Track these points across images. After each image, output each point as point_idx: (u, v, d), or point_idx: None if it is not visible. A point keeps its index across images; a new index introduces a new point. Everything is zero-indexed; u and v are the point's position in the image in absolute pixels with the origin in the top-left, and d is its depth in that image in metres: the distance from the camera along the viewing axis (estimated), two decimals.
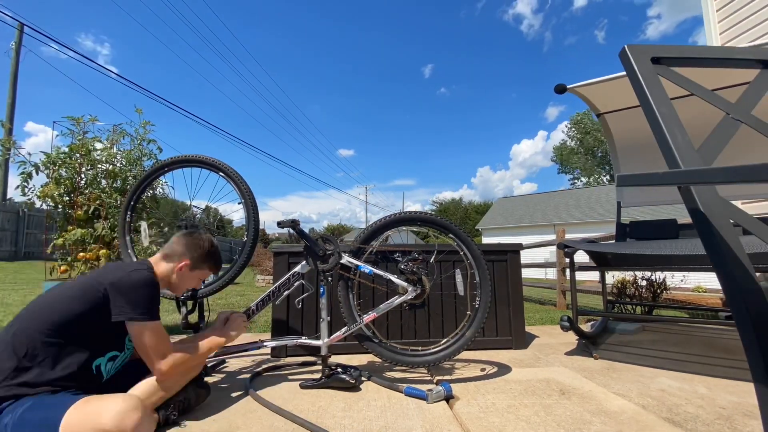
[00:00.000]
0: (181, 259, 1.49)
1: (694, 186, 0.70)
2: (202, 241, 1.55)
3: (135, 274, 1.27)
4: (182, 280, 1.51)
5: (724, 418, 1.45)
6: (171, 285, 1.51)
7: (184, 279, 1.52)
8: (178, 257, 1.49)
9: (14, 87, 12.72)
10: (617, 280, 4.34)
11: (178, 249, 1.50)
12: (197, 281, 1.59)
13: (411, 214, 1.99)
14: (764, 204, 3.78)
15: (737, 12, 4.16)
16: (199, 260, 1.53)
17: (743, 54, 0.92)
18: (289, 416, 1.42)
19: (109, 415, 1.02)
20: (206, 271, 1.59)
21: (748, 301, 0.61)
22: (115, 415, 1.03)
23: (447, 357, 1.88)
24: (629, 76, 0.86)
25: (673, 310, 4.07)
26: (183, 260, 1.49)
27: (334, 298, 2.01)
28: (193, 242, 1.53)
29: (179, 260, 1.49)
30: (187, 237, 1.54)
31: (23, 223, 11.97)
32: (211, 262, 1.58)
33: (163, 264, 1.48)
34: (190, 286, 1.58)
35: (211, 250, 1.57)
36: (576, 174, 42.28)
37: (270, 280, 8.66)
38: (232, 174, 2.08)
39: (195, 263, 1.52)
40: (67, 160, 2.78)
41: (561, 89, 2.75)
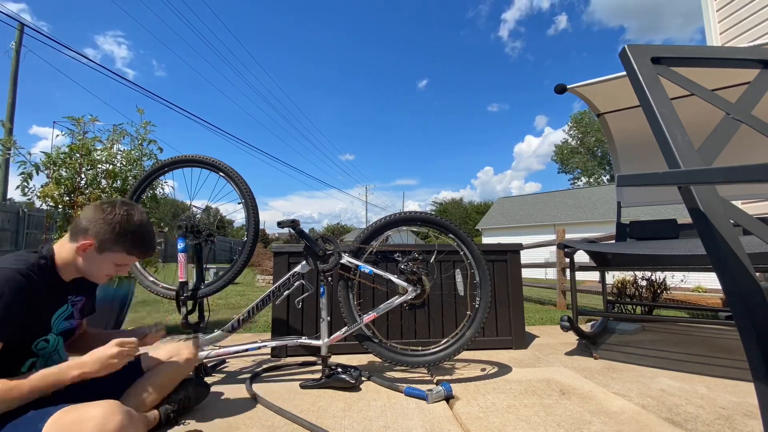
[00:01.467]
0: (85, 237, 1.14)
1: (694, 186, 0.70)
2: (113, 215, 1.16)
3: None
4: (90, 265, 1.16)
5: (724, 418, 1.45)
6: (80, 271, 1.17)
7: (92, 264, 1.16)
8: (82, 235, 1.14)
9: (14, 87, 12.72)
10: (617, 280, 4.34)
11: (83, 224, 1.15)
12: (113, 267, 1.20)
13: (411, 214, 1.99)
14: (764, 204, 3.78)
15: (737, 12, 4.16)
16: (108, 239, 1.15)
17: (743, 54, 0.92)
18: (289, 416, 1.42)
19: (90, 424, 0.95)
20: (122, 254, 1.18)
21: (748, 301, 0.61)
22: (97, 423, 0.95)
23: (447, 357, 1.88)
24: (629, 76, 0.86)
25: (673, 310, 4.08)
26: (86, 238, 1.14)
27: (334, 298, 2.01)
28: (100, 216, 1.15)
29: (82, 238, 1.14)
30: (95, 208, 1.17)
31: (23, 223, 11.97)
32: (126, 242, 1.17)
33: (66, 245, 1.15)
34: (108, 272, 1.21)
35: (126, 225, 1.17)
36: (576, 174, 42.30)
37: (270, 280, 8.66)
38: (232, 174, 2.08)
39: (102, 243, 1.15)
40: (67, 160, 2.78)
41: (561, 89, 2.75)
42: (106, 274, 1.23)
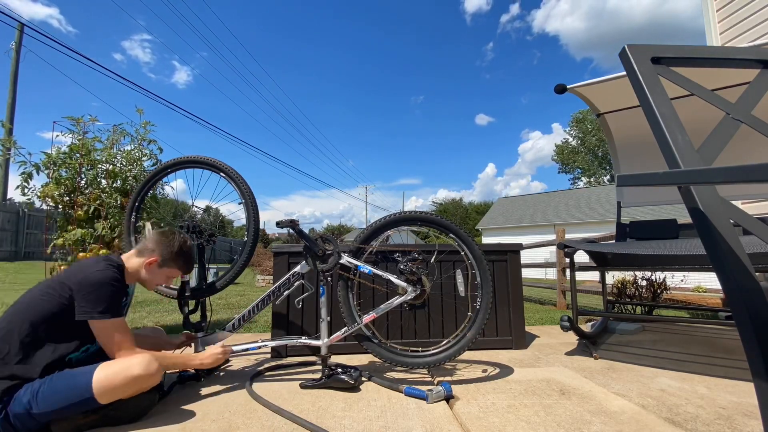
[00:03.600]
0: (151, 256, 1.55)
1: (694, 186, 0.70)
2: (174, 241, 1.60)
3: (96, 274, 1.33)
4: (151, 276, 1.56)
5: (724, 418, 1.45)
6: (141, 280, 1.57)
7: (153, 275, 1.57)
8: (149, 253, 1.55)
9: (14, 87, 12.73)
10: (617, 280, 4.34)
11: (150, 245, 1.57)
12: (166, 278, 1.63)
13: (411, 214, 1.98)
14: (764, 204, 3.78)
15: (737, 12, 4.16)
16: (168, 258, 1.58)
17: (743, 54, 0.92)
18: (289, 416, 1.42)
19: (137, 367, 1.27)
20: (174, 269, 1.64)
21: (748, 301, 0.61)
22: (143, 366, 1.28)
23: (448, 358, 1.87)
24: (629, 76, 0.86)
25: (673, 310, 4.08)
26: (152, 257, 1.55)
27: (333, 298, 2.01)
28: (165, 240, 1.59)
29: (149, 256, 1.55)
30: (160, 235, 1.61)
31: (23, 223, 11.97)
32: (180, 261, 1.63)
33: (134, 259, 1.54)
34: (159, 282, 1.63)
35: (182, 250, 1.62)
36: (577, 174, 42.29)
37: (270, 280, 8.66)
38: (233, 174, 2.09)
39: (163, 261, 1.57)
40: (68, 160, 2.78)
41: (561, 89, 2.75)
42: (157, 284, 1.64)
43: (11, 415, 1.16)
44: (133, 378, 1.26)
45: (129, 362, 1.28)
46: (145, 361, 1.29)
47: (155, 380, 1.34)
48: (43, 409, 1.17)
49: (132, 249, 1.59)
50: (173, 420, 1.39)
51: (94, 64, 9.92)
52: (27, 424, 1.18)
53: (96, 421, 1.29)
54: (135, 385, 1.27)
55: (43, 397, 1.17)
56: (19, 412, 1.16)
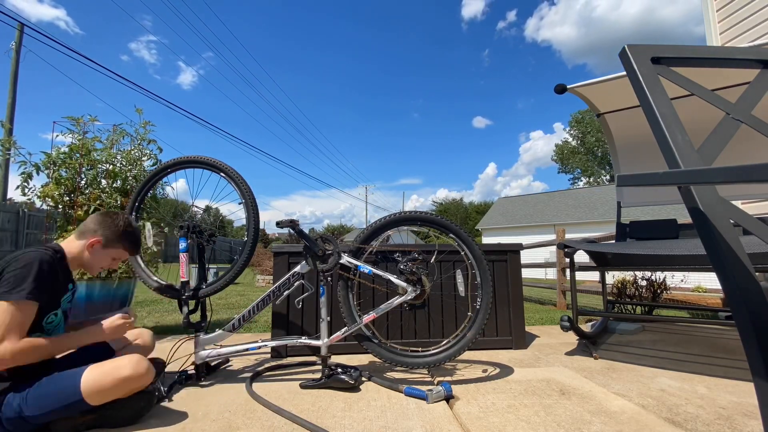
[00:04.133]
0: (93, 236, 1.47)
1: (694, 186, 0.70)
2: (118, 220, 1.53)
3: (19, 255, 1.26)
4: (94, 258, 1.48)
5: (724, 418, 1.45)
6: (83, 263, 1.47)
7: (96, 257, 1.48)
8: (91, 234, 1.47)
9: (14, 87, 12.73)
10: (617, 280, 4.34)
11: (91, 226, 1.48)
12: (111, 260, 1.55)
13: (411, 214, 1.98)
14: (764, 204, 3.78)
15: (737, 12, 4.16)
16: (113, 238, 1.50)
17: (743, 54, 0.92)
18: (289, 416, 1.42)
19: (127, 367, 1.25)
20: (121, 250, 1.55)
21: (748, 301, 0.61)
22: (131, 366, 1.26)
23: (448, 358, 1.87)
24: (629, 76, 0.86)
25: (673, 310, 4.08)
26: (94, 237, 1.47)
27: (333, 298, 2.01)
28: (108, 220, 1.51)
29: (91, 237, 1.46)
30: (103, 215, 1.53)
31: (23, 223, 11.96)
32: (126, 241, 1.55)
33: (75, 242, 1.46)
34: (104, 265, 1.54)
35: (127, 229, 1.54)
36: (577, 174, 42.28)
37: (270, 280, 8.66)
38: (233, 174, 2.09)
39: (107, 241, 1.49)
40: (67, 160, 2.78)
41: (561, 89, 2.75)
42: (102, 267, 1.54)
43: (4, 420, 1.15)
44: (122, 379, 1.24)
45: (118, 363, 1.27)
46: (134, 362, 1.27)
47: (145, 381, 1.31)
48: (35, 413, 1.16)
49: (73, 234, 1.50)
50: (173, 420, 1.39)
51: (95, 65, 9.91)
52: (21, 428, 1.17)
53: (93, 421, 1.29)
54: (125, 386, 1.25)
55: (33, 400, 1.16)
56: (11, 417, 1.15)
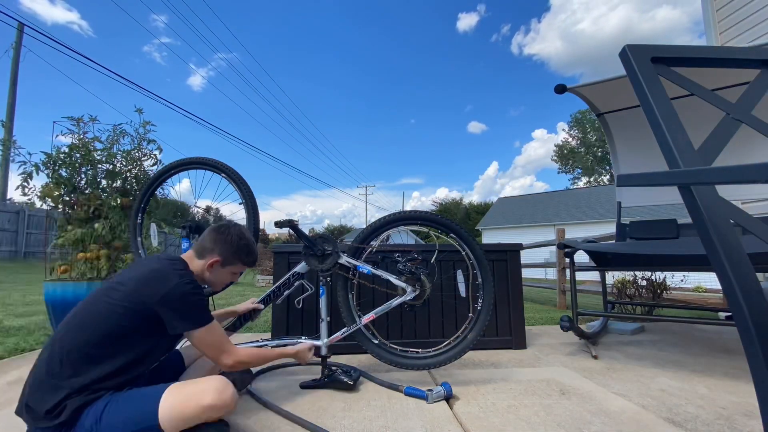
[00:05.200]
0: (212, 256, 1.44)
1: (694, 186, 0.70)
2: (230, 236, 1.49)
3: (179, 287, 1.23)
4: (215, 276, 1.48)
5: (724, 418, 1.45)
6: (206, 281, 1.47)
7: (217, 275, 1.48)
8: (209, 253, 1.45)
9: (14, 87, 12.73)
10: (617, 280, 4.34)
11: (208, 245, 1.46)
12: (232, 275, 1.54)
13: (411, 213, 1.98)
14: (764, 204, 3.78)
15: (737, 12, 4.16)
16: (230, 255, 1.48)
17: (743, 54, 0.92)
18: (289, 416, 1.42)
19: (210, 394, 1.12)
20: (239, 265, 1.53)
21: (748, 301, 0.61)
22: (216, 393, 1.13)
23: (448, 360, 1.86)
24: (629, 76, 0.86)
25: (673, 310, 4.07)
26: (213, 257, 1.44)
27: (333, 298, 2.01)
28: (222, 237, 1.47)
29: (210, 256, 1.44)
30: (215, 232, 1.49)
31: (23, 223, 11.97)
32: (242, 256, 1.52)
33: (196, 261, 1.44)
34: (225, 281, 1.55)
35: (240, 243, 1.50)
36: (577, 174, 42.28)
37: (270, 280, 8.66)
38: (234, 175, 2.10)
39: (225, 259, 1.47)
40: (67, 160, 2.78)
41: (561, 89, 2.75)
42: (224, 283, 1.57)
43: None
44: (204, 407, 1.11)
45: (201, 388, 1.14)
46: (219, 388, 1.14)
47: (228, 411, 1.17)
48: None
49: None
50: None
51: (95, 65, 9.91)
52: None
53: None
54: (205, 414, 1.12)
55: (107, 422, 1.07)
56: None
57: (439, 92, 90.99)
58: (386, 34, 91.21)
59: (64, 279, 2.61)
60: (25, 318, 3.32)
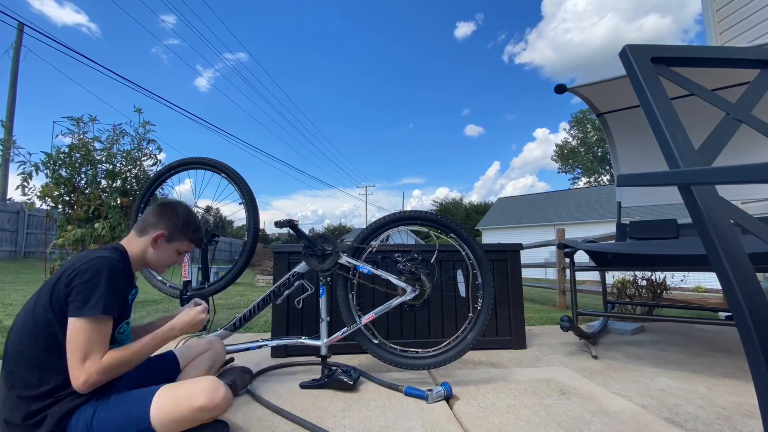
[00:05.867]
0: (156, 230, 1.32)
1: (694, 186, 0.70)
2: (177, 210, 1.38)
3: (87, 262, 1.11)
4: (160, 254, 1.34)
5: (724, 418, 1.45)
6: (148, 262, 1.34)
7: (162, 252, 1.35)
8: (153, 228, 1.33)
9: (14, 87, 12.73)
10: (617, 280, 4.34)
11: (152, 220, 1.34)
12: (176, 254, 1.41)
13: (411, 213, 1.98)
14: (764, 204, 3.78)
15: (737, 12, 4.16)
16: (176, 229, 1.36)
17: (743, 54, 0.92)
18: (289, 416, 1.42)
19: (201, 395, 1.08)
20: (185, 242, 1.40)
21: (748, 301, 0.61)
22: (207, 394, 1.09)
23: (448, 360, 1.86)
24: (629, 76, 0.86)
25: (673, 310, 4.08)
26: (157, 230, 1.32)
27: (333, 298, 2.01)
28: (168, 211, 1.36)
29: (153, 231, 1.32)
30: (160, 207, 1.38)
31: (23, 223, 11.96)
32: (190, 230, 1.40)
33: (136, 240, 1.32)
34: (170, 261, 1.40)
35: (188, 218, 1.40)
36: (577, 174, 42.28)
37: (270, 280, 8.66)
38: (234, 175, 2.10)
39: (171, 233, 1.35)
40: (67, 160, 2.78)
41: (561, 89, 2.75)
42: (169, 263, 1.41)
43: None
44: (196, 409, 1.07)
45: (192, 389, 1.10)
46: (210, 388, 1.10)
47: (221, 411, 1.12)
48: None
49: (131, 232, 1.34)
50: None
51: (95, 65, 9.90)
52: None
53: None
54: (198, 416, 1.08)
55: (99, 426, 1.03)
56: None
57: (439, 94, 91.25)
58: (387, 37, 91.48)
59: None
60: None
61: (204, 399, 1.08)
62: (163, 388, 1.12)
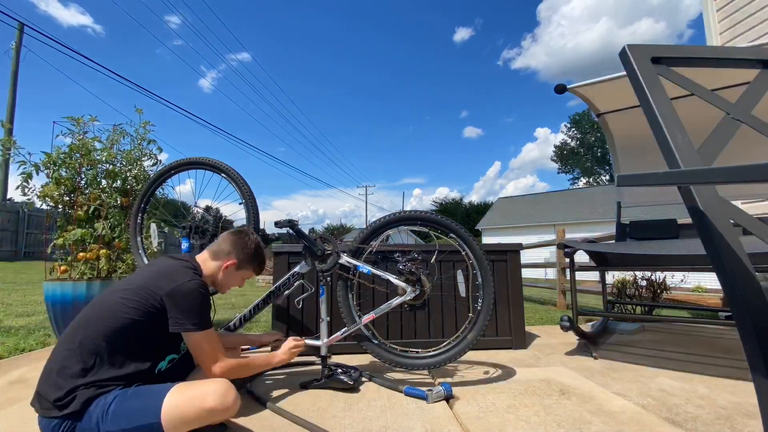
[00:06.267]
0: (228, 258, 1.50)
1: (694, 186, 0.70)
2: (249, 241, 1.56)
3: (187, 285, 1.28)
4: (227, 278, 1.52)
5: (724, 418, 1.45)
6: (216, 283, 1.52)
7: (229, 278, 1.53)
8: (225, 256, 1.50)
9: (14, 87, 12.74)
10: (617, 280, 4.34)
11: (225, 248, 1.52)
12: (241, 280, 1.60)
13: (411, 214, 1.98)
14: (764, 204, 3.78)
15: (737, 12, 4.16)
16: (245, 260, 1.54)
17: (743, 54, 0.92)
18: (289, 416, 1.42)
19: (212, 397, 1.13)
20: (250, 271, 1.60)
21: (748, 301, 0.61)
22: (217, 396, 1.13)
23: (448, 360, 1.86)
24: (629, 76, 0.86)
25: (673, 310, 4.07)
26: (229, 259, 1.50)
27: (333, 298, 2.01)
28: (240, 241, 1.54)
29: (226, 259, 1.50)
30: (235, 236, 1.55)
31: (23, 223, 11.96)
32: (256, 262, 1.60)
33: (210, 263, 1.49)
34: (234, 284, 1.59)
35: (257, 250, 1.59)
36: (576, 174, 42.27)
37: (270, 280, 8.66)
38: (234, 175, 2.10)
39: (240, 263, 1.53)
40: (67, 160, 2.78)
41: (561, 89, 2.75)
42: (232, 286, 1.59)
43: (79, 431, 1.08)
44: (206, 410, 1.12)
45: (204, 390, 1.15)
46: (221, 391, 1.15)
47: (230, 414, 1.19)
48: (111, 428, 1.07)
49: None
50: None
51: (96, 65, 9.92)
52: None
53: None
54: (208, 418, 1.14)
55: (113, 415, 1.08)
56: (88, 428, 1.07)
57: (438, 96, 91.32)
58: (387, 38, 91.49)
59: (64, 279, 2.61)
60: (25, 318, 3.32)
61: (215, 401, 1.12)
62: (177, 387, 1.16)
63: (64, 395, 1.07)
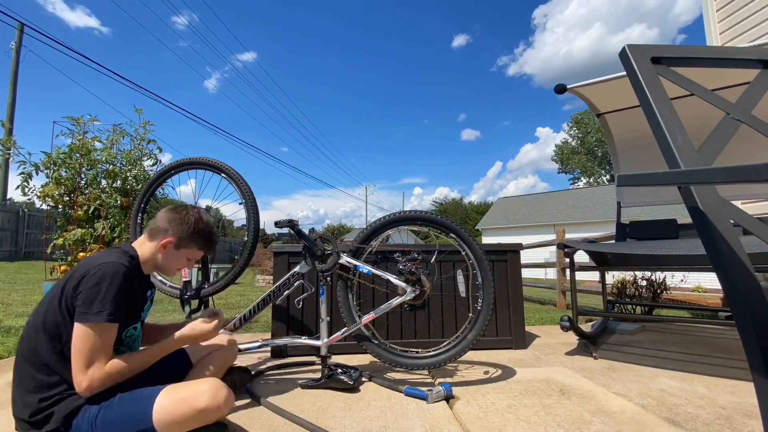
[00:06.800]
0: (165, 236, 1.32)
1: (694, 186, 0.70)
2: (187, 216, 1.36)
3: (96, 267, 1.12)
4: (169, 259, 1.34)
5: (724, 418, 1.45)
6: (158, 266, 1.34)
7: (172, 258, 1.35)
8: (162, 234, 1.32)
9: (14, 87, 12.73)
10: (617, 280, 4.34)
11: (162, 225, 1.33)
12: (186, 261, 1.41)
13: (411, 214, 1.98)
14: (764, 204, 3.78)
15: (737, 12, 4.16)
16: (185, 237, 1.34)
17: (743, 54, 0.92)
18: (289, 416, 1.42)
19: (203, 397, 1.09)
20: (194, 249, 1.39)
21: (748, 301, 0.61)
22: (209, 396, 1.09)
23: (448, 360, 1.86)
24: (629, 76, 0.86)
25: (673, 310, 4.08)
26: (165, 237, 1.32)
27: (333, 298, 2.01)
28: (178, 217, 1.35)
29: (161, 237, 1.32)
30: (171, 211, 1.37)
31: (23, 223, 11.96)
32: (199, 239, 1.38)
33: (147, 244, 1.32)
34: (180, 266, 1.40)
35: (198, 225, 1.37)
36: (576, 174, 42.27)
37: (270, 280, 8.66)
38: (234, 175, 2.10)
39: (180, 240, 1.34)
40: (67, 160, 2.78)
41: (561, 89, 2.75)
42: (178, 268, 1.41)
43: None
44: (198, 410, 1.07)
45: (195, 390, 1.10)
46: (213, 390, 1.10)
47: (223, 413, 1.13)
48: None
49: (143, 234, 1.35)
50: None
51: (97, 65, 9.91)
52: None
53: None
54: (200, 418, 1.09)
55: (103, 424, 1.04)
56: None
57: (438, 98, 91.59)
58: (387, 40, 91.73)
59: None
60: (25, 318, 3.32)
61: (206, 400, 1.08)
62: (167, 389, 1.12)
63: (36, 411, 1.03)
